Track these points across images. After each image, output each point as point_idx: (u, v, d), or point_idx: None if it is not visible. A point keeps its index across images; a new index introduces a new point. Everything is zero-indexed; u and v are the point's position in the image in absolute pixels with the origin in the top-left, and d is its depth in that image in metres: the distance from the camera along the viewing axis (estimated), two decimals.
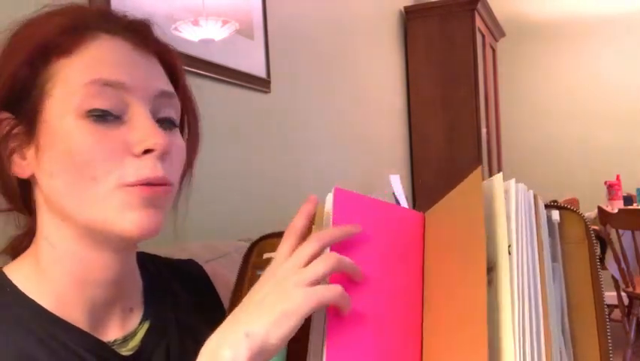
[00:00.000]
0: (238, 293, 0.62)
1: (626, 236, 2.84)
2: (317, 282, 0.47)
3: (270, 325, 0.45)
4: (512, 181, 0.52)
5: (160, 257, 0.71)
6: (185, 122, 0.62)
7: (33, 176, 0.54)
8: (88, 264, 0.55)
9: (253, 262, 0.65)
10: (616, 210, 2.87)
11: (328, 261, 0.48)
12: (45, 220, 0.55)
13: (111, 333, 0.58)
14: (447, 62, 3.34)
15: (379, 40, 3.11)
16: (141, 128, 0.52)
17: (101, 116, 0.51)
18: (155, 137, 0.51)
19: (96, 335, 0.56)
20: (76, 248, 0.54)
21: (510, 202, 0.50)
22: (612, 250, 2.87)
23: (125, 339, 0.59)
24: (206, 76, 1.59)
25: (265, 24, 1.89)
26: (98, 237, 0.54)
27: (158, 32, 0.59)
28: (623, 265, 2.81)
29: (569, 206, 0.54)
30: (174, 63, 0.60)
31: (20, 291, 0.54)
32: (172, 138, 0.55)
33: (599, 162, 4.04)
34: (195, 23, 1.56)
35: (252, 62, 1.82)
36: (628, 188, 3.60)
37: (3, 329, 0.52)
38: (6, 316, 0.53)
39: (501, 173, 0.53)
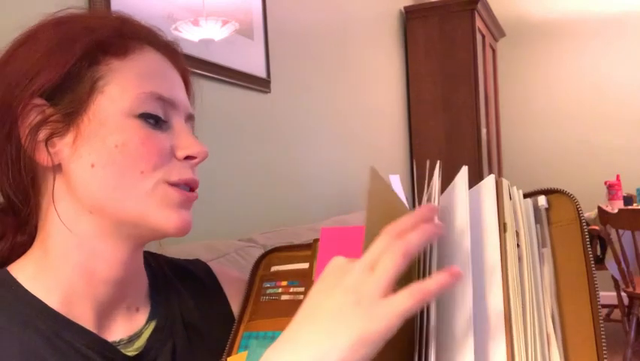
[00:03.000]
0: (245, 305, 0.63)
1: (626, 236, 2.84)
2: (392, 285, 0.40)
3: (347, 350, 0.38)
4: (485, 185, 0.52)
5: (164, 256, 0.71)
6: None
7: (59, 165, 0.54)
8: (101, 258, 0.55)
9: (261, 274, 0.65)
10: (616, 210, 2.87)
11: (396, 252, 0.41)
12: (65, 210, 0.55)
13: (117, 333, 0.58)
14: (447, 62, 3.33)
15: (379, 41, 3.11)
16: (185, 137, 0.58)
17: (150, 121, 0.55)
18: (199, 146, 0.57)
19: (102, 334, 0.56)
20: (94, 241, 0.55)
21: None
22: (612, 250, 2.87)
23: (131, 339, 0.59)
24: (206, 76, 1.59)
25: (265, 24, 1.89)
26: (125, 231, 0.55)
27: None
28: (623, 265, 2.81)
29: (556, 188, 0.54)
30: (190, 81, 0.65)
31: (26, 290, 0.54)
32: None
33: (599, 162, 4.04)
34: (195, 23, 1.56)
35: (251, 62, 1.82)
36: (628, 188, 3.60)
37: (9, 327, 0.52)
38: (12, 314, 0.53)
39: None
